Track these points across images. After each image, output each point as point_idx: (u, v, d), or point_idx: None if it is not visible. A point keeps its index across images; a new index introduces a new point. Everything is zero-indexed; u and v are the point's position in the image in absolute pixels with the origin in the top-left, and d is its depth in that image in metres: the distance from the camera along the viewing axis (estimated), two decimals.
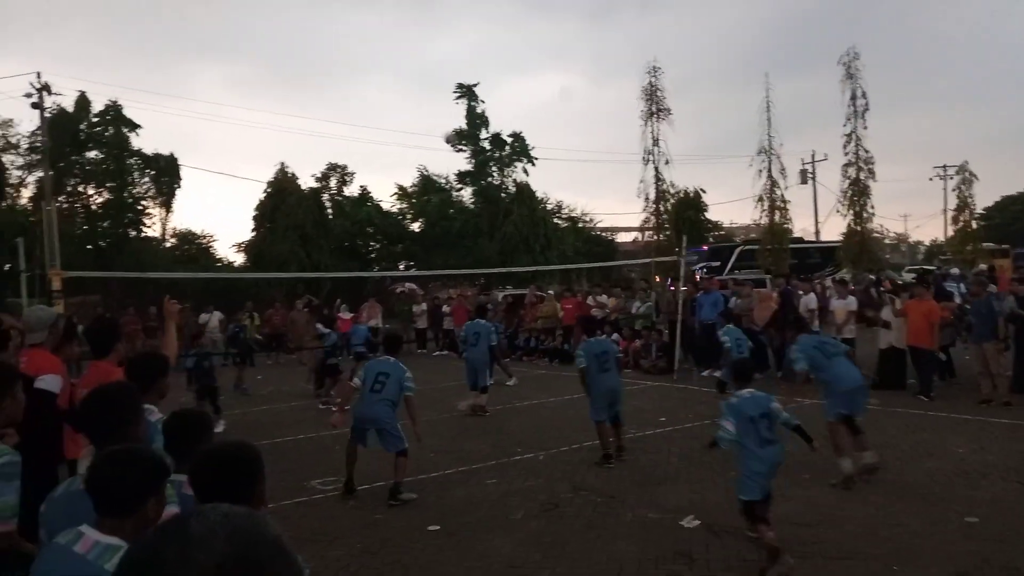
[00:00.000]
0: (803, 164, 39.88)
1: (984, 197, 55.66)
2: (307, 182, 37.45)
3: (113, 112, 34.56)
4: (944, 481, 7.20)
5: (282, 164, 35.42)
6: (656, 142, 28.76)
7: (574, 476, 7.95)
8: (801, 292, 14.91)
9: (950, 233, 37.70)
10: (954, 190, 35.26)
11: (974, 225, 34.58)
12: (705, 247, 32.05)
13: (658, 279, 22.82)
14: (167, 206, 37.29)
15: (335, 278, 28.63)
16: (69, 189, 34.77)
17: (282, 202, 33.61)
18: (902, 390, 11.96)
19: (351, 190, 40.52)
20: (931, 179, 46.39)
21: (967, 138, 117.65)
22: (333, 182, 40.33)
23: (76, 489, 2.57)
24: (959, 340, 13.53)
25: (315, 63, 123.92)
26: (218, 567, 0.84)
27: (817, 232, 40.66)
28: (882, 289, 15.62)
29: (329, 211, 37.61)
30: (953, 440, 8.82)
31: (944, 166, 43.87)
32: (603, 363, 8.56)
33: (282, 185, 34.55)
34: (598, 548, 5.83)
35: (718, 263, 28.93)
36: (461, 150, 41.07)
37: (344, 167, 40.42)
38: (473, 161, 41.20)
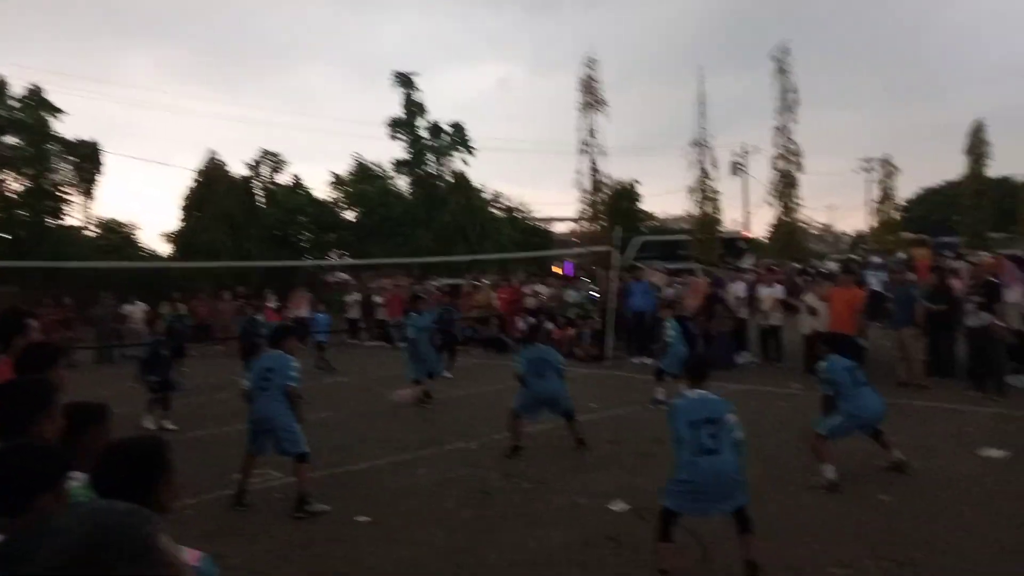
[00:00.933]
0: (734, 156, 40.72)
1: (905, 189, 57.79)
2: (239, 170, 36.60)
3: (34, 96, 33.12)
4: (862, 461, 7.43)
5: (212, 152, 34.52)
6: (592, 133, 29.09)
7: (506, 464, 7.96)
8: (730, 281, 15.26)
9: (873, 224, 39.11)
10: (877, 182, 36.59)
11: (895, 216, 35.91)
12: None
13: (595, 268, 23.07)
14: (88, 194, 35.94)
15: (265, 268, 28.04)
16: None
17: (211, 191, 32.74)
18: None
19: (284, 178, 39.78)
20: (856, 172, 47.94)
21: (890, 133, 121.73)
22: (265, 170, 39.52)
23: None
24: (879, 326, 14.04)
25: (251, 49, 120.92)
26: (71, 559, 0.83)
27: (747, 223, 41.64)
28: (808, 277, 16.08)
29: (261, 200, 36.85)
30: None
31: (868, 159, 45.36)
32: (540, 370, 8.55)
33: (211, 173, 33.66)
34: (528, 534, 5.85)
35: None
36: (398, 138, 40.72)
37: (277, 155, 39.61)
38: (410, 150, 40.88)
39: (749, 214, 41.24)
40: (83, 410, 2.98)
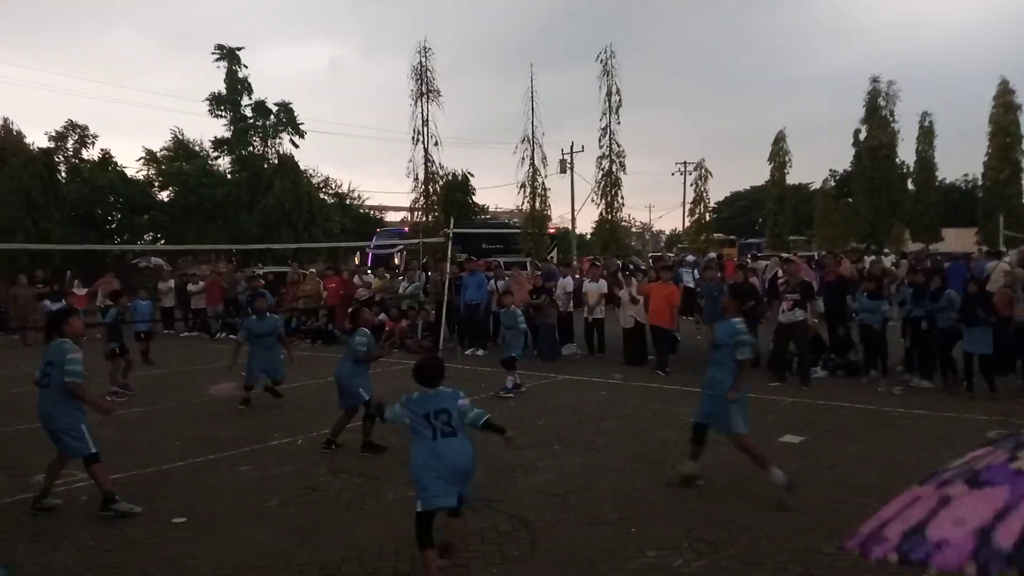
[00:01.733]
0: (563, 154, 42.02)
1: (716, 192, 62.17)
2: (40, 142, 33.34)
3: None
4: (676, 447, 7.91)
5: (5, 120, 31.22)
6: (426, 122, 28.92)
7: (333, 459, 7.79)
8: (560, 275, 15.75)
9: (687, 224, 41.74)
10: (692, 185, 39.03)
11: (707, 217, 38.48)
12: (407, 228, 30.89)
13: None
14: None
15: (67, 251, 25.71)
16: None
17: (4, 163, 29.58)
18: (643, 365, 13.00)
19: (92, 153, 36.67)
20: (673, 174, 51.08)
21: (705, 137, 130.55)
22: (71, 143, 36.23)
23: None
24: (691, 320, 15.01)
25: (59, 8, 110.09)
26: None
27: (573, 219, 43.13)
28: (628, 272, 16.89)
29: (63, 176, 33.75)
30: (683, 410, 9.70)
31: (684, 163, 48.30)
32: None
33: (5, 143, 30.43)
34: (358, 530, 5.76)
35: (417, 243, 28.66)
36: (220, 115, 38.64)
37: (84, 127, 36.46)
38: (232, 128, 38.91)
39: (575, 211, 42.70)
40: None
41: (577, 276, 16.69)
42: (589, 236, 41.25)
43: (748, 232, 50.42)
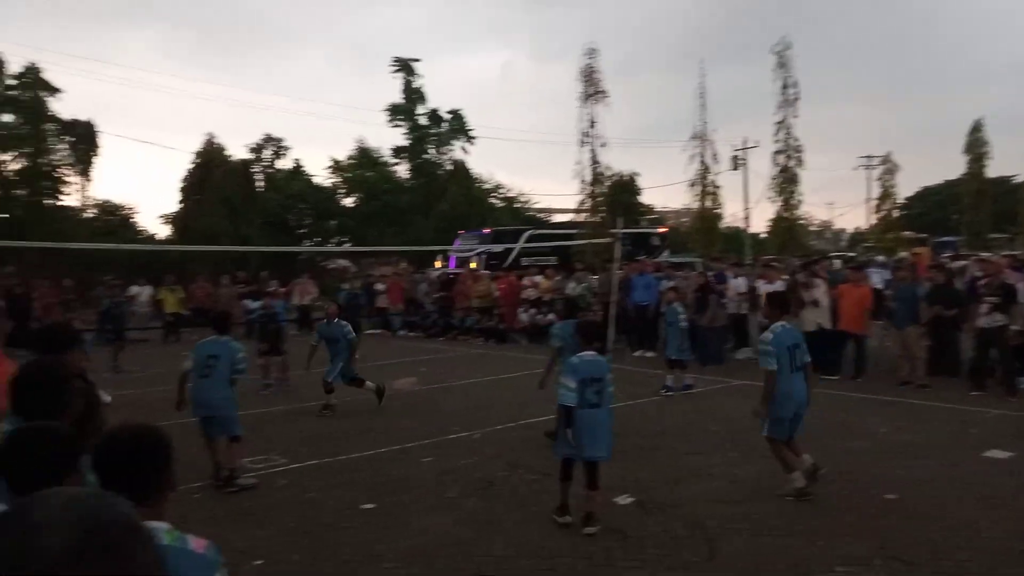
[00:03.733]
0: (735, 150, 40.62)
1: (905, 187, 57.82)
2: (239, 153, 36.49)
3: (31, 75, 32.92)
4: (864, 460, 7.46)
5: (210, 135, 34.40)
6: (592, 124, 28.95)
7: (509, 454, 7.97)
8: (731, 275, 15.24)
9: (872, 221, 39.12)
10: (878, 180, 36.54)
11: (895, 214, 35.90)
12: (487, 230, 29.37)
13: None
14: (85, 174, 35.80)
15: (263, 252, 27.97)
16: None
17: (210, 174, 32.64)
18: (829, 372, 12.29)
19: (285, 163, 39.70)
20: (855, 168, 47.94)
21: (891, 130, 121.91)
22: (267, 154, 39.41)
23: None
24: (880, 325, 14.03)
25: (252, 31, 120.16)
26: (67, 551, 0.79)
27: (747, 218, 41.57)
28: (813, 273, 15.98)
29: (260, 184, 36.75)
30: (873, 420, 9.16)
31: (869, 156, 45.30)
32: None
33: (210, 156, 33.56)
34: (533, 526, 5.87)
35: (501, 249, 25.96)
36: (398, 125, 40.60)
37: (280, 140, 39.53)
38: (409, 137, 40.78)
39: (749, 209, 41.13)
40: (93, 394, 2.99)
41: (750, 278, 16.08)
42: (764, 235, 39.68)
43: (941, 230, 46.54)
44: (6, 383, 2.81)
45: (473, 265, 25.33)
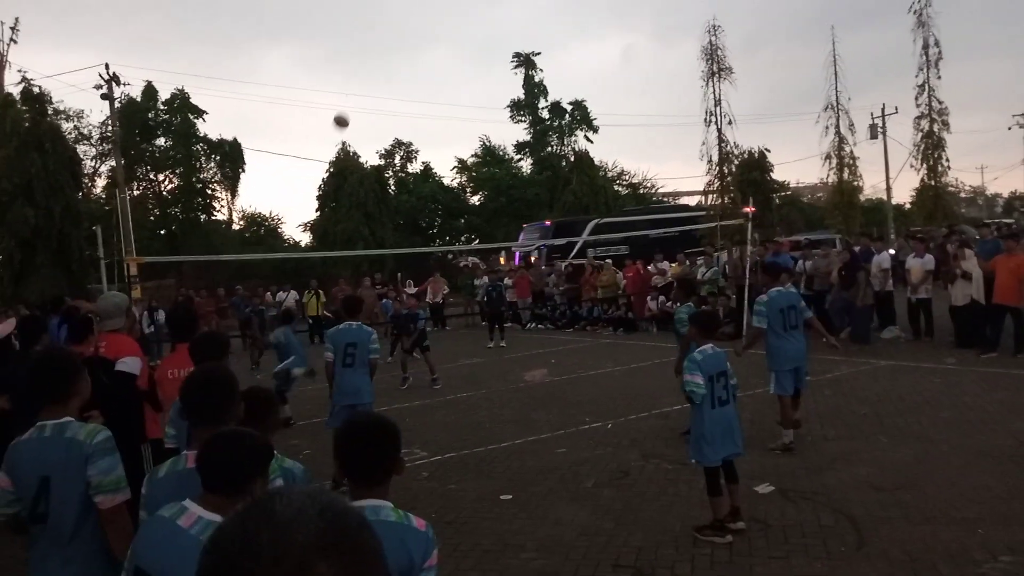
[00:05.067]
0: (873, 119, 38.34)
1: None
2: (371, 160, 37.91)
3: (180, 99, 35.47)
4: None
5: (343, 143, 35.95)
6: (718, 102, 28.11)
7: (643, 444, 7.93)
8: (874, 251, 14.47)
9: None
10: None
11: None
12: (548, 222, 28.17)
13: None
14: (233, 189, 38.23)
15: (398, 254, 28.98)
16: (140, 176, 35.93)
17: (344, 181, 34.12)
18: (983, 348, 11.45)
19: (415, 167, 40.91)
20: (1010, 128, 44.12)
21: None
22: (397, 159, 40.76)
23: (182, 469, 2.66)
24: None
25: (378, 38, 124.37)
26: (316, 543, 0.85)
27: (888, 189, 39.20)
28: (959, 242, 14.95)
29: (392, 188, 38.05)
30: None
31: (1023, 115, 41.65)
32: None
33: (344, 164, 35.08)
34: (672, 515, 5.82)
35: (564, 242, 25.05)
36: (520, 120, 40.94)
37: (409, 144, 40.78)
38: (532, 131, 41.04)
39: (890, 180, 38.77)
40: (268, 396, 3.22)
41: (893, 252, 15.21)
42: (908, 206, 37.34)
43: None
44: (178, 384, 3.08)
45: (532, 260, 24.80)
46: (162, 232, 35.50)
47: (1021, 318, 11.17)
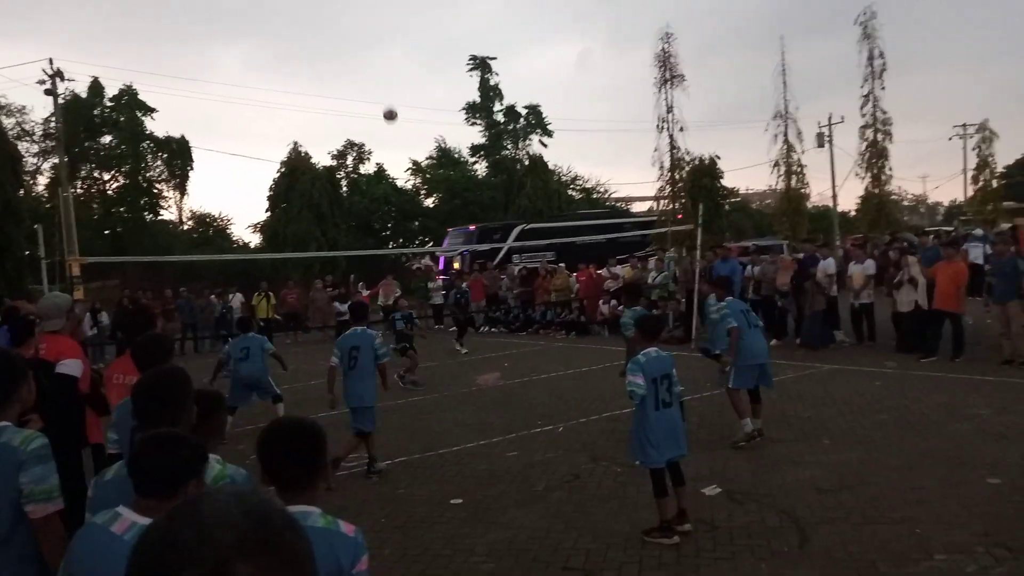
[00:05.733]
0: (820, 127, 39.23)
1: (1005, 155, 54.67)
2: (324, 161, 37.52)
3: (127, 96, 34.68)
4: (965, 443, 7.16)
5: (295, 143, 35.49)
6: (670, 109, 28.49)
7: (594, 447, 7.99)
8: (820, 257, 14.80)
9: (970, 193, 37.14)
10: (974, 149, 34.72)
11: (995, 184, 34.06)
12: (472, 227, 28.27)
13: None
14: (181, 189, 37.50)
15: (350, 256, 28.72)
16: (84, 175, 35.01)
17: (296, 182, 33.68)
18: (924, 352, 11.79)
19: (368, 168, 40.61)
20: (950, 139, 45.57)
21: (987, 96, 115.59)
22: (350, 160, 40.41)
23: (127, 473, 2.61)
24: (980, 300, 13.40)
25: (333, 39, 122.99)
26: (238, 544, 0.86)
27: (834, 196, 40.14)
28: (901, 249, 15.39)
29: (345, 189, 37.69)
30: (974, 401, 8.77)
31: (964, 125, 43.05)
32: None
33: (295, 164, 34.64)
34: (620, 517, 5.87)
35: (487, 247, 24.89)
36: (475, 123, 40.96)
37: (361, 145, 40.47)
38: (487, 134, 41.08)
39: (836, 187, 39.70)
40: (210, 397, 3.17)
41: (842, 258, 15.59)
42: (853, 213, 38.25)
43: None
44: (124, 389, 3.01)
45: (456, 266, 24.53)
46: (107, 232, 34.64)
47: (960, 323, 11.54)
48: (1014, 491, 5.79)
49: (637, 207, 48.88)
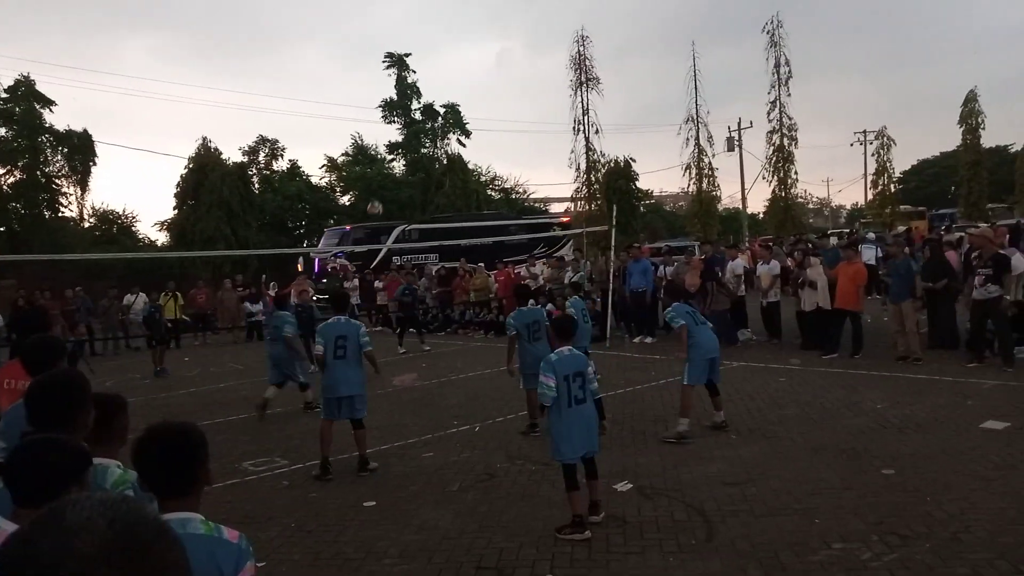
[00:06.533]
0: (730, 132, 40.51)
1: (902, 161, 57.66)
2: (235, 157, 36.50)
3: (24, 87, 32.94)
4: (863, 436, 7.50)
5: (204, 139, 34.40)
6: (586, 111, 28.96)
7: (510, 446, 8.01)
8: (728, 259, 15.26)
9: (870, 197, 39.07)
10: (873, 155, 36.51)
11: (892, 188, 35.87)
12: (348, 227, 27.91)
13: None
14: (83, 185, 35.85)
15: (262, 255, 28.00)
16: None
17: (205, 178, 32.64)
18: (826, 350, 12.28)
19: (281, 165, 39.74)
20: (852, 144, 47.77)
21: (886, 103, 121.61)
22: (262, 156, 39.43)
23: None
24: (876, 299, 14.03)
25: (244, 32, 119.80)
26: (100, 554, 0.82)
27: (744, 199, 41.54)
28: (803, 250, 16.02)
29: (257, 187, 36.75)
30: (871, 396, 9.19)
31: (864, 131, 45.16)
32: (534, 332, 8.58)
33: (204, 160, 33.57)
34: (534, 516, 5.90)
35: (366, 248, 24.39)
36: (393, 121, 40.60)
37: (275, 141, 39.57)
38: (404, 132, 40.76)
39: (745, 190, 41.07)
40: (112, 400, 3.04)
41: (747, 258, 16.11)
42: (762, 215, 39.62)
43: (940, 202, 46.47)
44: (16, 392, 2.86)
45: (331, 268, 23.79)
46: (1, 228, 32.83)
47: (859, 322, 12.08)
48: (906, 481, 6.08)
49: (555, 207, 49.49)
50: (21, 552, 0.83)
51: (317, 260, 25.10)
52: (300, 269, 25.09)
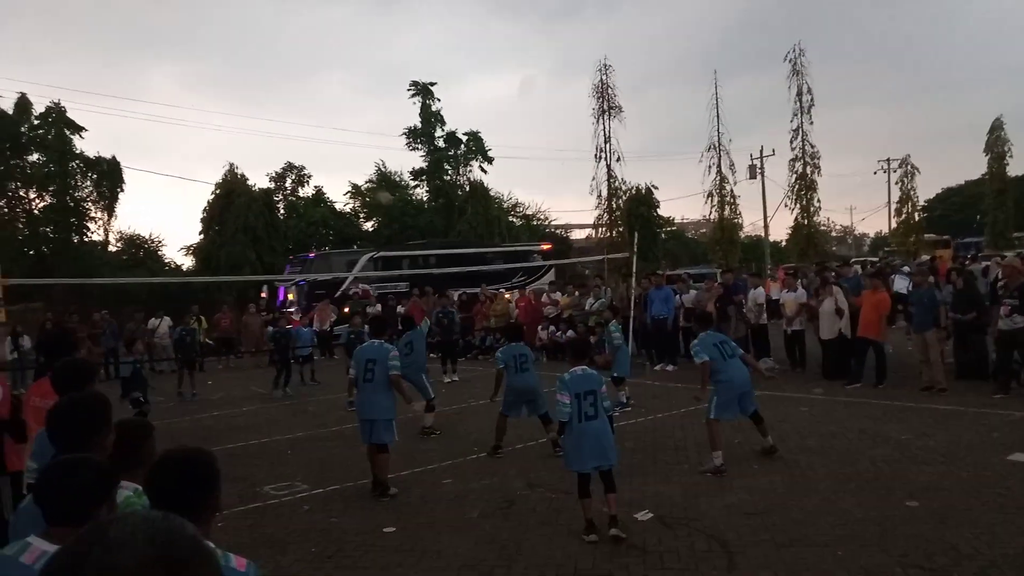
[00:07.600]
0: (752, 159, 40.47)
1: (926, 190, 57.18)
2: (262, 183, 36.98)
3: (55, 114, 33.66)
4: (887, 467, 7.41)
5: (231, 165, 34.89)
6: (608, 139, 29.12)
7: (529, 473, 8.00)
8: (751, 287, 15.20)
9: (894, 225, 38.79)
10: (897, 183, 36.30)
11: (916, 217, 35.60)
12: (312, 254, 27.85)
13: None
14: (110, 210, 36.41)
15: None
16: (10, 193, 33.74)
17: (231, 204, 33.06)
18: (849, 379, 12.16)
19: (307, 191, 40.22)
20: (875, 173, 47.55)
21: (911, 132, 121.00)
22: (289, 183, 39.94)
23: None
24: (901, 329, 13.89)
25: (275, 61, 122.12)
26: (141, 568, 0.87)
27: (766, 226, 41.37)
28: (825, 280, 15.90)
29: (282, 213, 37.18)
30: (895, 427, 9.09)
31: (888, 160, 44.96)
32: (521, 364, 8.98)
33: (231, 186, 34.02)
34: (553, 544, 5.89)
35: (330, 277, 24.02)
36: (416, 148, 41.01)
37: (301, 167, 40.07)
38: (428, 159, 41.13)
39: (768, 218, 40.92)
40: (140, 427, 3.10)
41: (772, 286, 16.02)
42: (784, 243, 39.44)
43: (965, 231, 46.03)
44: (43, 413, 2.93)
45: (291, 296, 23.39)
46: (31, 252, 33.39)
47: (882, 352, 11.97)
48: (930, 514, 6.00)
49: (576, 235, 49.57)
50: (68, 566, 0.88)
51: (281, 289, 24.50)
52: (264, 295, 24.82)
